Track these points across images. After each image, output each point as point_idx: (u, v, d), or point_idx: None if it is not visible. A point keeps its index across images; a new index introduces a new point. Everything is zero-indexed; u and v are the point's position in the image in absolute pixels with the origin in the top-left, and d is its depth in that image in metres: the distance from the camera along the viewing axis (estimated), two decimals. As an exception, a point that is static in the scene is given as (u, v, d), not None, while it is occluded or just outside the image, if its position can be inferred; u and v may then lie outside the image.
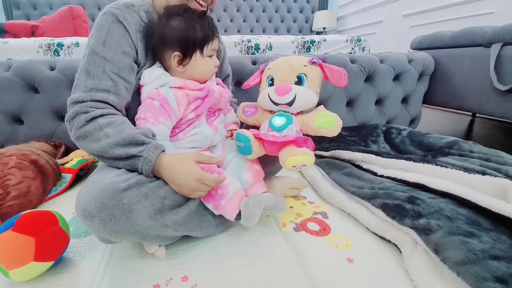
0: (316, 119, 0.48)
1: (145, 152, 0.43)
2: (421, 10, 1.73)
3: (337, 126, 0.47)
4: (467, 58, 1.01)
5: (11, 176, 0.63)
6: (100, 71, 0.47)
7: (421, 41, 1.21)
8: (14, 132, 0.94)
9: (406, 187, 0.53)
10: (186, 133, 0.52)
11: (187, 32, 0.49)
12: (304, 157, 0.44)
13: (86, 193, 0.39)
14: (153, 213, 0.40)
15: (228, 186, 0.48)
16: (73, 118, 0.45)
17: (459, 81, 1.05)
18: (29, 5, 2.19)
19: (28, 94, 0.91)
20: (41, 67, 0.91)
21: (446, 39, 1.09)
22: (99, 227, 0.38)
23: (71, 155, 0.88)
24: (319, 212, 0.61)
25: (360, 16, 2.38)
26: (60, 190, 0.74)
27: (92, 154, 0.45)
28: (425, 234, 0.42)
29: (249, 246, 0.50)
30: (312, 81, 0.49)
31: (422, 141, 0.80)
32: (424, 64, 1.10)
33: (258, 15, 2.54)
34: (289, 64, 0.50)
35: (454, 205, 0.44)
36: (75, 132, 0.44)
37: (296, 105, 0.48)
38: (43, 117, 0.93)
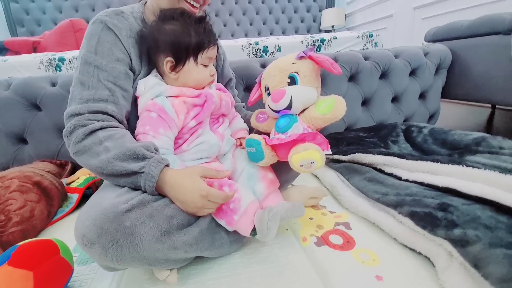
0: (316, 108, 0.48)
1: (147, 167, 0.42)
2: (433, 1, 1.72)
3: (339, 106, 0.46)
4: (486, 47, 1.00)
5: (12, 201, 0.62)
6: (94, 81, 0.47)
7: (436, 32, 1.20)
8: (19, 152, 0.96)
9: (435, 193, 0.52)
10: (190, 143, 0.51)
11: (180, 37, 0.48)
12: (308, 152, 0.42)
13: (84, 217, 0.38)
14: (160, 235, 0.39)
15: (241, 199, 0.47)
16: (71, 132, 0.44)
17: (478, 72, 1.04)
18: (33, 21, 2.28)
19: (30, 113, 0.93)
20: (42, 84, 0.93)
21: (462, 28, 1.08)
22: (100, 255, 0.37)
23: (77, 173, 0.88)
24: (341, 223, 0.60)
25: (369, 12, 2.39)
26: (66, 211, 0.74)
27: (92, 170, 0.44)
28: (461, 246, 0.40)
29: (268, 265, 0.48)
30: (305, 76, 0.48)
31: (446, 138, 0.78)
32: (441, 56, 1.09)
33: (264, 17, 2.59)
34: (277, 67, 0.50)
35: (492, 212, 0.43)
36: (73, 147, 0.44)
37: (296, 106, 0.48)
38: (47, 135, 0.95)
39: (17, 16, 2.23)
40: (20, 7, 2.22)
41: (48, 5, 2.25)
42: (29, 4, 2.22)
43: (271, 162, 0.52)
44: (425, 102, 1.15)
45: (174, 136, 0.50)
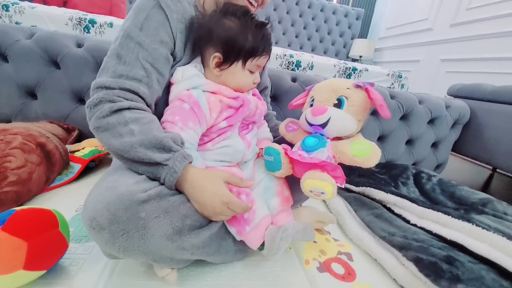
0: (351, 146, 0.47)
1: (171, 161, 0.41)
2: (460, 58, 1.85)
3: (374, 156, 0.45)
4: (505, 115, 1.08)
5: (12, 158, 0.60)
6: (133, 57, 0.45)
7: (460, 89, 1.29)
8: (25, 106, 0.94)
9: (442, 244, 0.55)
10: (216, 144, 0.51)
11: (236, 37, 0.48)
12: (322, 183, 0.43)
13: (97, 198, 0.36)
14: (172, 233, 0.39)
15: (256, 211, 0.47)
16: (96, 105, 0.42)
17: (491, 136, 1.11)
18: None
19: (47, 68, 0.92)
20: (67, 42, 0.92)
21: (486, 92, 1.16)
22: (107, 242, 0.36)
23: (84, 142, 0.86)
24: (344, 253, 0.63)
25: (398, 52, 2.54)
26: (65, 180, 0.72)
27: (111, 150, 0.43)
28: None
29: (268, 282, 0.49)
30: (353, 105, 0.48)
31: (454, 192, 0.83)
32: (461, 112, 1.16)
33: (298, 30, 2.69)
34: (331, 85, 0.50)
35: (496, 275, 0.46)
36: (95, 122, 0.42)
37: (330, 128, 0.48)
38: (60, 96, 0.94)
39: None
40: None
41: None
42: None
43: (286, 174, 0.52)
44: (436, 151, 1.22)
45: (202, 132, 0.49)
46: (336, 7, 2.72)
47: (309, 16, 2.68)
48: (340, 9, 2.73)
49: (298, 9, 2.65)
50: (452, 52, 1.94)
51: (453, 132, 1.21)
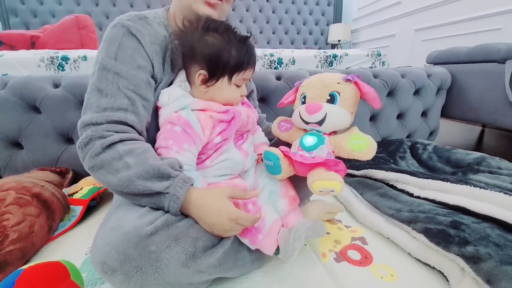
0: (349, 140, 0.49)
1: (172, 188, 0.41)
2: (432, 25, 1.92)
3: (371, 149, 0.48)
4: (482, 73, 1.13)
5: (9, 215, 0.58)
6: (114, 88, 0.46)
7: (438, 55, 1.34)
8: (12, 158, 0.93)
9: (447, 210, 0.59)
10: (214, 160, 0.51)
11: (220, 53, 0.48)
12: (332, 182, 0.44)
13: (104, 242, 0.37)
14: (186, 259, 0.39)
15: (265, 217, 0.48)
16: (87, 144, 0.43)
17: (474, 95, 1.17)
18: (28, 12, 2.19)
19: (28, 115, 0.91)
20: (43, 84, 0.91)
21: (461, 55, 1.22)
22: (122, 283, 0.36)
23: (80, 183, 0.85)
24: (357, 238, 0.65)
25: (373, 30, 2.61)
26: (69, 225, 0.71)
27: (109, 188, 0.43)
28: (474, 262, 0.46)
29: (290, 283, 0.50)
30: (345, 99, 0.50)
31: (449, 157, 0.88)
32: (442, 79, 1.21)
33: (274, 27, 2.73)
34: (322, 81, 0.51)
35: (500, 231, 0.50)
36: (89, 161, 0.42)
37: (327, 124, 0.50)
38: (46, 140, 0.93)
39: (11, 5, 2.15)
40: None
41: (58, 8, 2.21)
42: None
43: (287, 176, 0.54)
44: (426, 119, 1.26)
45: (198, 151, 0.50)
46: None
47: (282, 10, 2.72)
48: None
49: (270, 6, 2.69)
50: (423, 21, 2.01)
51: (439, 98, 1.25)
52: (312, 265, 0.56)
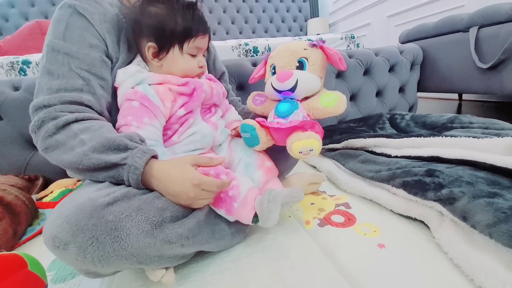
0: (320, 99, 0.50)
1: (129, 158, 0.38)
2: (402, 10, 2.01)
3: (342, 102, 0.49)
4: (450, 44, 1.17)
5: None
6: (65, 69, 0.43)
7: (408, 34, 1.38)
8: None
9: (422, 163, 0.59)
10: (181, 134, 0.49)
11: (164, 22, 0.46)
12: (310, 140, 0.45)
13: (55, 215, 0.33)
14: (150, 228, 0.36)
15: (240, 185, 0.47)
16: (39, 126, 0.40)
17: (446, 66, 1.20)
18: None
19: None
20: (1, 88, 0.84)
21: (429, 29, 1.26)
22: (77, 256, 0.32)
23: (51, 187, 0.81)
24: (341, 204, 0.65)
25: (349, 21, 2.70)
26: (38, 229, 0.66)
27: (65, 166, 0.41)
28: (449, 203, 0.46)
29: (273, 251, 0.49)
30: (313, 64, 0.50)
31: (425, 121, 0.89)
32: (414, 54, 1.25)
33: (253, 26, 2.77)
34: (289, 49, 0.52)
35: (471, 170, 0.50)
36: (42, 143, 0.40)
37: (299, 90, 0.50)
38: (10, 148, 0.86)
39: None
40: None
41: (11, 11, 2.15)
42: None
43: (266, 146, 0.54)
44: (404, 95, 1.29)
45: (162, 126, 0.48)
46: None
47: (259, 9, 2.76)
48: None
49: (246, 5, 2.72)
50: (394, 7, 2.09)
51: (414, 73, 1.29)
52: (295, 233, 0.55)
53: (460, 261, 0.40)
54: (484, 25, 1.03)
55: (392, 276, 0.41)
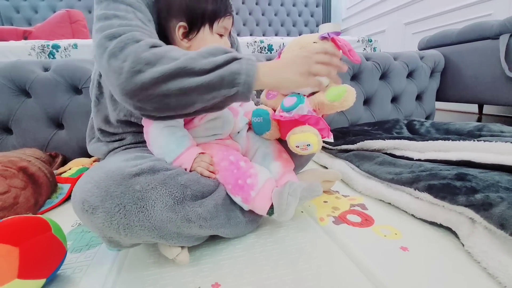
0: (327, 94, 0.48)
1: (243, 57, 0.38)
2: (421, 17, 1.95)
3: (350, 95, 0.46)
4: (476, 52, 1.12)
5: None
6: (132, 16, 0.41)
7: (429, 40, 1.34)
8: (1, 143, 0.90)
9: (450, 166, 0.55)
10: (202, 119, 0.49)
11: (196, 1, 0.47)
12: (304, 134, 0.44)
13: (85, 180, 0.34)
14: (173, 203, 0.36)
15: (258, 174, 0.46)
16: (122, 48, 0.35)
17: (469, 74, 1.15)
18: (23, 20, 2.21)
19: (17, 99, 0.89)
20: (32, 68, 0.90)
21: (453, 36, 1.21)
22: (104, 222, 0.33)
23: (70, 164, 0.84)
24: (357, 204, 0.61)
25: (363, 27, 2.67)
26: (56, 202, 0.69)
27: (167, 74, 0.34)
28: (484, 209, 0.42)
29: (287, 243, 0.48)
30: None
31: (448, 128, 0.84)
32: (435, 60, 1.20)
33: (264, 29, 2.77)
34: (299, 43, 0.51)
35: (510, 176, 0.46)
36: (136, 61, 0.34)
37: None
38: (36, 125, 0.90)
39: (6, 14, 2.19)
40: (10, 5, 2.19)
41: (41, 4, 2.25)
42: (20, 2, 2.20)
43: (274, 137, 0.53)
44: (421, 103, 1.24)
45: None
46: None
47: (271, 12, 2.77)
48: (299, 0, 2.85)
49: (259, 8, 2.74)
50: (412, 15, 2.03)
51: (433, 81, 1.24)
52: (309, 228, 0.53)
53: (496, 271, 0.36)
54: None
55: (420, 280, 0.38)
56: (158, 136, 0.45)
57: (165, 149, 0.45)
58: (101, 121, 0.54)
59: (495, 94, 1.07)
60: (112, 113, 0.51)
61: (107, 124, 0.53)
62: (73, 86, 0.92)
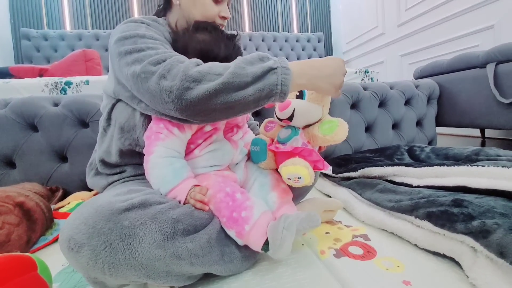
0: (320, 126, 0.52)
1: (277, 63, 0.42)
2: (415, 49, 2.15)
3: (341, 129, 0.49)
4: (468, 79, 1.21)
5: None
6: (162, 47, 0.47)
7: (422, 70, 1.45)
8: (3, 177, 0.93)
9: (447, 192, 0.57)
10: (203, 149, 0.52)
11: (210, 47, 0.53)
12: (295, 167, 0.46)
13: (74, 216, 0.35)
14: (162, 239, 0.36)
15: (253, 207, 0.46)
16: (170, 69, 0.41)
17: (465, 100, 1.23)
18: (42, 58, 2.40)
19: (24, 133, 0.93)
20: (42, 103, 0.95)
21: (444, 66, 1.32)
22: (89, 261, 0.33)
23: (69, 198, 0.85)
24: (359, 235, 0.62)
25: (363, 59, 2.90)
26: (50, 239, 0.69)
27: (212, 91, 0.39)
28: (483, 237, 0.43)
29: (285, 280, 0.47)
30: (312, 93, 0.52)
31: (447, 153, 0.88)
32: (430, 88, 1.29)
33: None
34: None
35: (504, 201, 0.48)
36: (184, 80, 0.39)
37: (297, 119, 0.52)
38: (39, 159, 0.93)
39: (27, 53, 2.38)
40: (32, 44, 2.39)
41: (61, 43, 2.46)
42: (42, 42, 2.41)
43: (271, 166, 0.56)
44: (422, 128, 1.30)
45: (187, 139, 0.52)
46: (298, 35, 3.15)
47: (276, 47, 3.03)
48: (302, 37, 3.16)
49: (265, 44, 3.02)
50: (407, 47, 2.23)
51: (431, 108, 1.31)
52: (309, 263, 0.52)
53: (502, 305, 0.36)
54: (502, 61, 1.08)
55: (422, 316, 0.37)
56: (156, 166, 0.48)
57: (161, 180, 0.47)
58: (104, 152, 0.58)
59: (491, 118, 1.13)
60: (117, 142, 0.54)
61: (109, 155, 0.57)
62: (81, 120, 0.98)
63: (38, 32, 2.39)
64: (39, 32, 2.40)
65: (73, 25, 2.60)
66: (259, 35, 2.99)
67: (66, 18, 2.58)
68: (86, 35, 2.53)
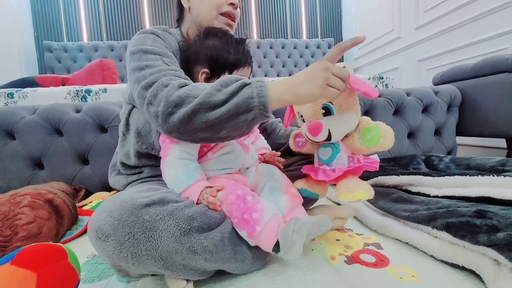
0: (361, 137, 0.48)
1: (251, 80, 0.44)
2: (434, 54, 2.04)
3: (386, 138, 0.46)
4: (493, 85, 1.15)
5: (22, 216, 0.66)
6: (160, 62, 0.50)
7: (443, 75, 1.39)
8: (33, 177, 1.02)
9: (469, 203, 0.54)
10: (215, 152, 0.54)
11: (220, 52, 0.56)
12: (352, 194, 0.45)
13: (101, 209, 0.39)
14: (179, 234, 0.40)
15: (264, 210, 0.48)
16: (156, 95, 0.45)
17: (490, 108, 1.16)
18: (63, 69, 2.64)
19: (51, 137, 1.03)
20: (66, 110, 1.06)
21: (467, 70, 1.26)
22: (114, 250, 0.37)
23: (91, 197, 0.94)
24: (371, 243, 0.60)
25: (376, 65, 2.80)
26: (75, 233, 0.76)
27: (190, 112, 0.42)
28: (508, 250, 0.41)
29: (295, 283, 0.48)
30: (341, 106, 0.48)
31: (469, 163, 0.84)
32: (451, 95, 1.24)
33: (278, 69, 3.01)
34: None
35: (531, 213, 0.45)
36: (166, 106, 0.43)
37: (336, 137, 0.49)
38: (64, 161, 1.03)
39: (49, 64, 2.62)
40: (53, 56, 2.63)
41: (79, 54, 2.69)
42: (62, 54, 2.65)
43: (324, 194, 0.58)
44: (441, 138, 1.24)
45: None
46: (307, 42, 3.10)
47: (285, 55, 3.03)
48: (311, 43, 3.12)
49: (273, 52, 3.03)
50: (425, 51, 2.14)
51: (451, 116, 1.25)
52: (319, 267, 0.52)
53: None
54: (533, 65, 1.01)
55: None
56: (171, 167, 0.51)
57: (175, 180, 0.50)
58: (124, 155, 0.62)
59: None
60: (135, 145, 0.58)
61: (129, 158, 0.61)
62: (100, 126, 1.06)
63: (58, 45, 2.61)
64: (59, 44, 2.62)
65: (89, 37, 2.79)
66: (267, 42, 2.97)
67: (84, 30, 2.78)
68: (101, 46, 2.71)
